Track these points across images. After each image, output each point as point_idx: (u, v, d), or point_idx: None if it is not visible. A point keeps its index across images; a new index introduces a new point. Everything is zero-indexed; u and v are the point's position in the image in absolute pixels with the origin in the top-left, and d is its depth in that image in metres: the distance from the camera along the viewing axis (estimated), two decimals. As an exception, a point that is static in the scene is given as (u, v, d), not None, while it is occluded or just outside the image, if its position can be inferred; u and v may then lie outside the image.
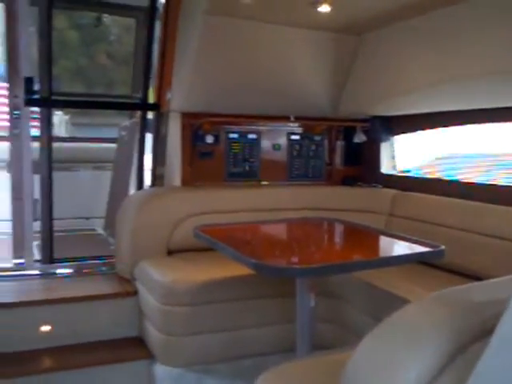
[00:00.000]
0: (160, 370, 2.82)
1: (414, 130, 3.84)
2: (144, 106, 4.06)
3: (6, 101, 3.55)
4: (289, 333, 2.64)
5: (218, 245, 2.51)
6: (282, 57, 3.66)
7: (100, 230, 5.05)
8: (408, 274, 2.90)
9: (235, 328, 2.89)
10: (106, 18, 6.01)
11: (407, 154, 4.01)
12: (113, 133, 5.76)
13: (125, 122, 5.31)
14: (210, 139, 3.82)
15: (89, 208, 5.17)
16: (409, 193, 3.61)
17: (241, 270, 2.56)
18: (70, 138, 6.34)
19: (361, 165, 4.25)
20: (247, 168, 3.99)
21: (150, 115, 4.04)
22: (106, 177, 5.17)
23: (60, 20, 5.98)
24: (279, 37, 3.55)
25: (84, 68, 7.47)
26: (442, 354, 1.08)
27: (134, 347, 3.05)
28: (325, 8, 2.94)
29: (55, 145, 3.79)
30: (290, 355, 2.48)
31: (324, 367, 1.74)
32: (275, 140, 4.11)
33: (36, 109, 3.71)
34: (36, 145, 3.68)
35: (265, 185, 4.03)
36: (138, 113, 4.30)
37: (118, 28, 7.04)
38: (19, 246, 3.59)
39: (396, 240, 2.76)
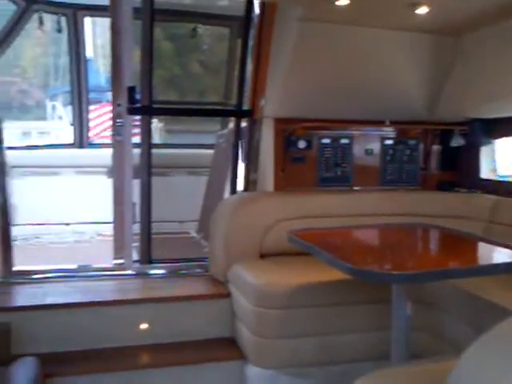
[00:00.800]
0: (252, 371, 2.87)
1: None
2: (238, 113, 4.14)
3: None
4: (380, 340, 2.60)
5: (313, 249, 2.52)
6: (376, 60, 3.62)
7: (193, 233, 5.19)
8: (508, 282, 2.76)
9: (328, 333, 2.88)
10: (199, 28, 6.17)
11: (509, 158, 3.83)
12: (204, 139, 5.91)
13: (217, 128, 5.43)
14: (302, 144, 3.84)
15: (183, 211, 5.28)
16: None
17: (334, 275, 2.54)
18: (166, 144, 6.55)
19: (458, 170, 4.11)
20: (339, 173, 3.96)
21: (244, 123, 4.12)
22: (199, 182, 5.31)
23: (156, 32, 6.23)
24: (374, 40, 3.52)
25: (177, 77, 7.72)
26: None
27: (227, 348, 3.12)
28: (423, 10, 2.87)
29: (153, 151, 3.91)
30: (382, 363, 2.44)
31: (421, 376, 1.69)
32: (368, 145, 4.06)
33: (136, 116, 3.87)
34: (135, 151, 3.82)
35: (357, 190, 3.99)
36: (231, 120, 4.38)
37: (211, 37, 7.21)
38: (119, 247, 3.76)
39: (496, 247, 2.65)
